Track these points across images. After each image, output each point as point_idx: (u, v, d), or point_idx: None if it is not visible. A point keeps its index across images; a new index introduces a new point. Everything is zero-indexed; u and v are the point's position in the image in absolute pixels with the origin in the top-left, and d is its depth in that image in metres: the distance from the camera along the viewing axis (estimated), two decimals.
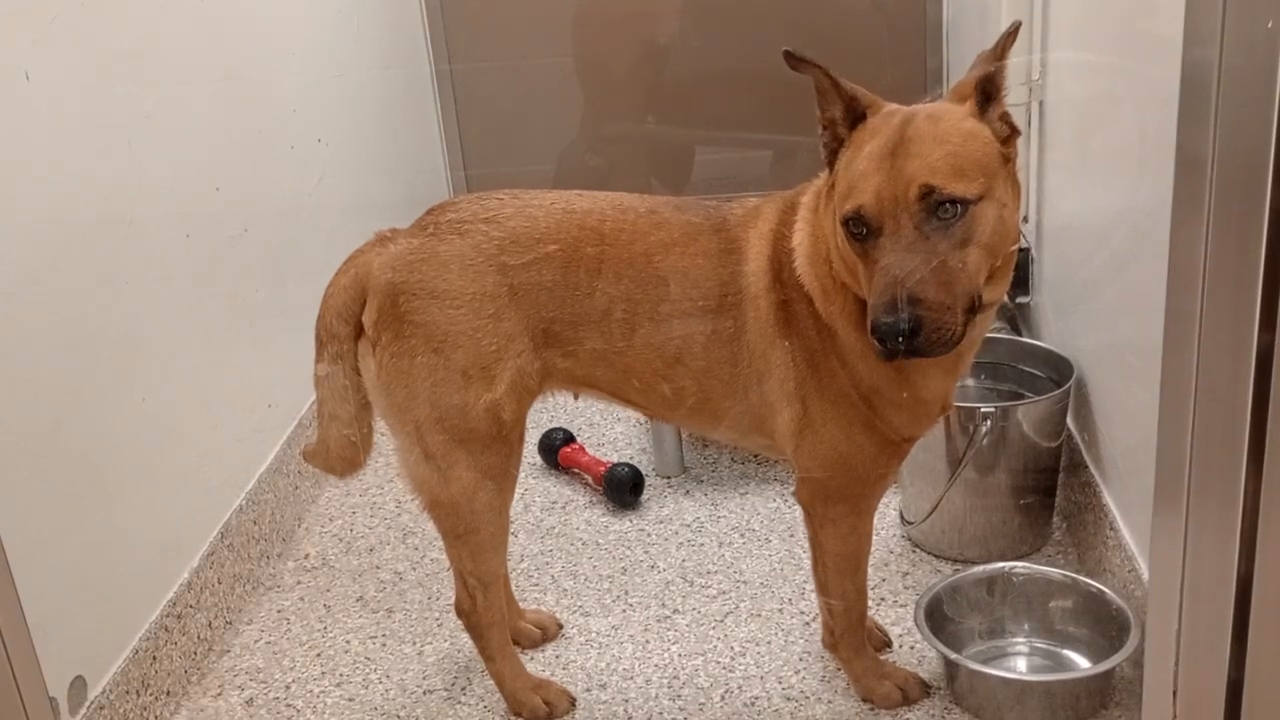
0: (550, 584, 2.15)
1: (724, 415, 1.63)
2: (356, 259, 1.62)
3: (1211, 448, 1.13)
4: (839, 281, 1.48)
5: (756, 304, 1.55)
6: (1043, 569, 1.87)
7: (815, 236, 1.51)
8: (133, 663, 1.77)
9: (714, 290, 1.56)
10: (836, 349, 1.53)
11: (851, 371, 1.53)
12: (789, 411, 1.58)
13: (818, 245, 1.50)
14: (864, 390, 1.54)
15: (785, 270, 1.53)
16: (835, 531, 1.66)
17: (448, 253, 1.57)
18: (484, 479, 1.63)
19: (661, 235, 1.59)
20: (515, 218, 1.59)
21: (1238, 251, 1.05)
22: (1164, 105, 1.47)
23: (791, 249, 1.53)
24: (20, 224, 1.58)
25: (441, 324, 1.56)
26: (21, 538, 1.43)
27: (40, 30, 1.64)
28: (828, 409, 1.56)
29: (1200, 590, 1.18)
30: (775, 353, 1.56)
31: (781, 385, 1.57)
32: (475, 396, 1.57)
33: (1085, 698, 1.68)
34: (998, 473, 2.02)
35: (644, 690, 1.85)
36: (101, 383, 1.76)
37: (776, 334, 1.55)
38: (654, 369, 1.60)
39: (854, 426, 1.56)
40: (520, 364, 1.59)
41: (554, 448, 2.55)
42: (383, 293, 1.57)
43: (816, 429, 1.57)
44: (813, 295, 1.51)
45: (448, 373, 1.57)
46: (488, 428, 1.59)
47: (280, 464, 2.35)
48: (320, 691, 1.91)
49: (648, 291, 1.57)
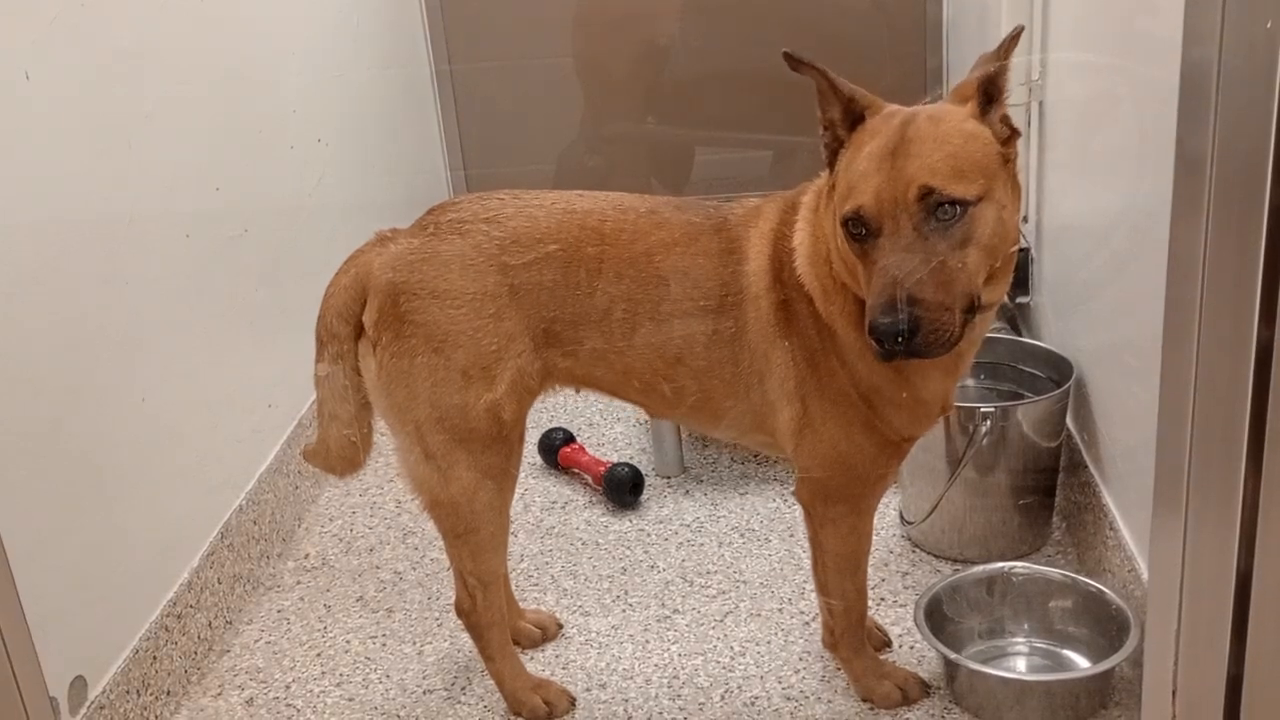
0: (550, 584, 2.15)
1: (725, 414, 1.64)
2: (357, 259, 1.62)
3: (1211, 447, 1.13)
4: (839, 282, 1.48)
5: (757, 304, 1.55)
6: (1042, 569, 1.87)
7: (815, 236, 1.51)
8: (133, 662, 1.77)
9: (714, 290, 1.56)
10: (836, 349, 1.53)
11: (851, 371, 1.53)
12: (789, 410, 1.58)
13: (818, 245, 1.50)
14: (864, 390, 1.54)
15: (785, 270, 1.54)
16: (835, 531, 1.66)
17: (448, 252, 1.57)
18: (484, 479, 1.63)
19: (662, 235, 1.59)
20: (516, 217, 1.59)
21: (1237, 251, 1.05)
22: (1163, 105, 1.47)
23: (792, 249, 1.53)
24: (20, 224, 1.58)
25: (442, 324, 1.56)
26: (22, 537, 1.43)
27: (40, 30, 1.64)
28: (827, 409, 1.56)
29: (1200, 590, 1.18)
30: (775, 352, 1.56)
31: (781, 384, 1.57)
32: (475, 396, 1.57)
33: (1085, 697, 1.68)
34: (997, 473, 2.02)
35: (644, 690, 1.85)
36: (102, 382, 1.76)
37: (777, 333, 1.55)
38: (654, 369, 1.60)
39: (853, 426, 1.56)
40: (521, 364, 1.59)
41: (554, 448, 2.55)
42: (383, 292, 1.57)
43: (816, 428, 1.57)
44: (813, 295, 1.52)
45: (448, 372, 1.57)
46: (488, 428, 1.59)
47: (280, 464, 2.35)
48: (320, 691, 1.91)
49: (648, 291, 1.57)
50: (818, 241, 1.50)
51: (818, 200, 1.52)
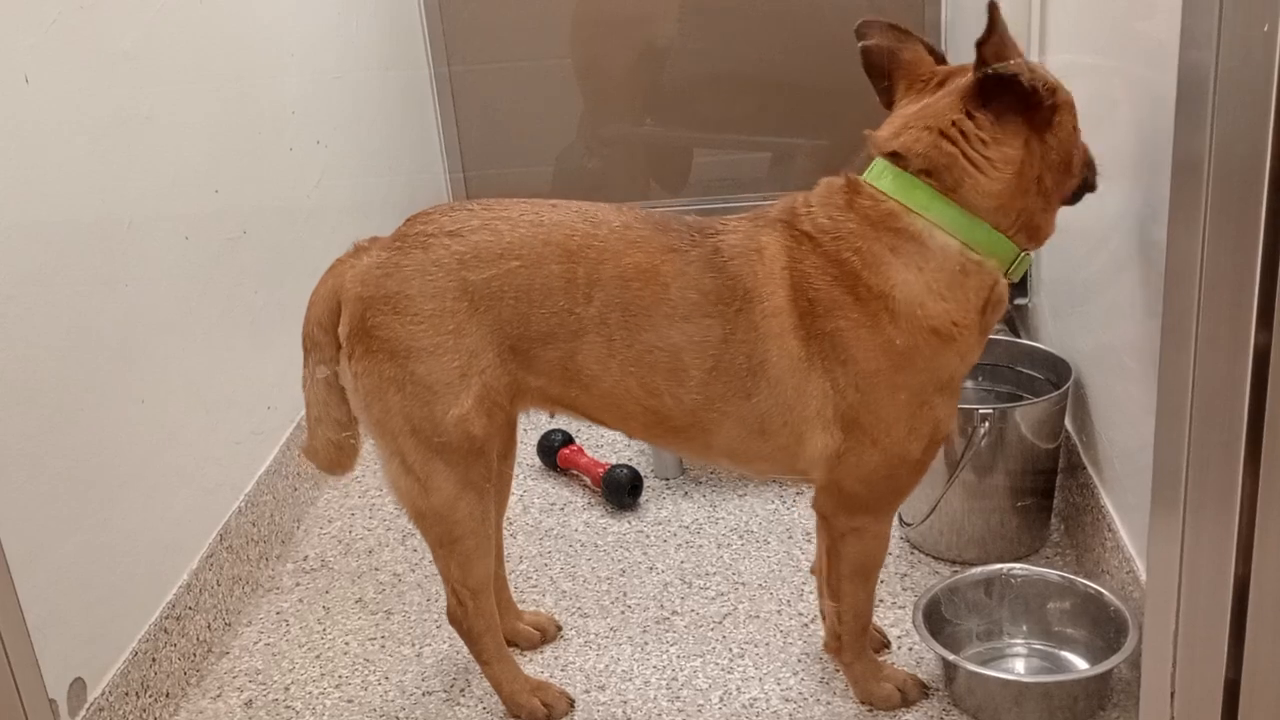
0: (549, 585, 2.15)
1: (725, 447, 1.60)
2: (335, 269, 1.62)
3: (1209, 449, 1.13)
4: (969, 271, 1.49)
5: (781, 341, 1.51)
6: (1041, 570, 1.88)
7: (926, 257, 1.48)
8: (132, 664, 1.77)
9: (714, 328, 1.52)
10: (917, 357, 1.50)
11: (935, 373, 1.51)
12: (823, 439, 1.54)
13: (936, 259, 1.48)
14: (944, 384, 1.53)
15: (828, 305, 1.49)
16: (859, 539, 1.65)
17: (410, 267, 1.55)
18: (464, 490, 1.62)
19: (638, 258, 1.54)
20: (480, 231, 1.56)
21: (1234, 253, 1.05)
22: (1161, 108, 1.47)
23: (891, 286, 1.48)
24: (19, 226, 1.58)
25: (404, 339, 1.55)
26: (21, 539, 1.43)
27: (40, 33, 1.64)
28: (884, 426, 1.52)
29: (1198, 591, 1.18)
30: (810, 385, 1.52)
31: (819, 414, 1.53)
32: (443, 410, 1.56)
33: (1083, 699, 1.69)
34: (996, 474, 2.02)
35: (642, 692, 1.85)
36: (100, 385, 1.76)
37: (811, 368, 1.51)
38: (637, 400, 1.57)
39: (911, 436, 1.54)
40: (486, 379, 1.57)
41: (552, 449, 2.55)
42: (352, 306, 1.57)
43: (864, 449, 1.54)
44: (917, 307, 1.48)
45: (415, 387, 1.56)
46: (460, 441, 1.58)
47: (279, 466, 2.35)
48: (319, 693, 1.91)
49: (626, 320, 1.53)
50: (938, 263, 1.48)
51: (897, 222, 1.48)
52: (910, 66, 1.58)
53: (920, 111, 1.51)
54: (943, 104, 1.49)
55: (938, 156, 1.47)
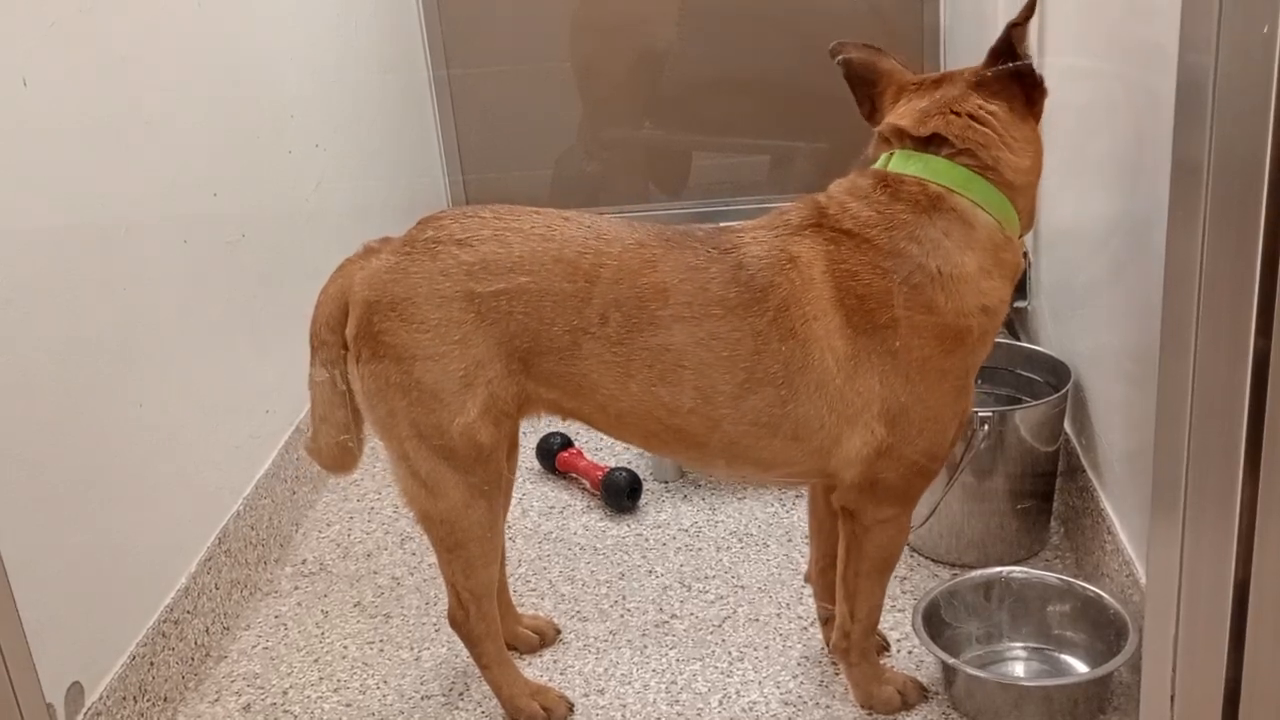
0: (548, 589, 2.15)
1: (750, 454, 1.60)
2: (344, 269, 1.62)
3: (1208, 452, 1.13)
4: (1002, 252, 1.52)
5: (821, 345, 1.50)
6: (1040, 573, 1.87)
7: (971, 238, 1.51)
8: (130, 669, 1.77)
9: (745, 346, 1.51)
10: (964, 340, 1.52)
11: (980, 352, 1.56)
12: (862, 436, 1.54)
13: (979, 244, 1.51)
14: (976, 367, 1.58)
15: (903, 287, 1.50)
16: (884, 531, 1.64)
17: (417, 274, 1.55)
18: (473, 496, 1.62)
19: (654, 278, 1.52)
20: (490, 241, 1.55)
21: (1234, 256, 1.05)
22: (1160, 111, 1.47)
23: (951, 268, 1.49)
24: (18, 230, 1.58)
25: (409, 346, 1.54)
26: (18, 543, 1.43)
27: (38, 36, 1.64)
28: (930, 415, 1.54)
29: (1198, 594, 1.18)
30: (858, 384, 1.51)
31: (862, 412, 1.53)
32: (449, 418, 1.56)
33: (1083, 702, 1.68)
34: (995, 477, 2.02)
35: (642, 695, 1.85)
36: (98, 388, 1.76)
37: (858, 368, 1.51)
38: (658, 418, 1.56)
39: (950, 422, 1.57)
40: (493, 389, 1.56)
41: (552, 452, 2.55)
42: (360, 309, 1.57)
43: (908, 441, 1.54)
44: (960, 288, 1.50)
45: (420, 393, 1.55)
46: (466, 449, 1.58)
47: (277, 469, 2.35)
48: (318, 697, 1.91)
49: (647, 340, 1.52)
50: (979, 251, 1.51)
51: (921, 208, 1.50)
52: (892, 75, 1.64)
53: (937, 100, 1.54)
54: (956, 93, 1.53)
55: (975, 136, 1.51)
